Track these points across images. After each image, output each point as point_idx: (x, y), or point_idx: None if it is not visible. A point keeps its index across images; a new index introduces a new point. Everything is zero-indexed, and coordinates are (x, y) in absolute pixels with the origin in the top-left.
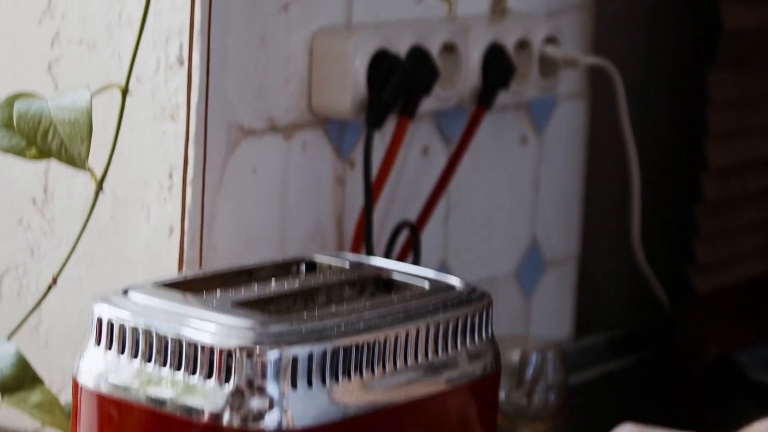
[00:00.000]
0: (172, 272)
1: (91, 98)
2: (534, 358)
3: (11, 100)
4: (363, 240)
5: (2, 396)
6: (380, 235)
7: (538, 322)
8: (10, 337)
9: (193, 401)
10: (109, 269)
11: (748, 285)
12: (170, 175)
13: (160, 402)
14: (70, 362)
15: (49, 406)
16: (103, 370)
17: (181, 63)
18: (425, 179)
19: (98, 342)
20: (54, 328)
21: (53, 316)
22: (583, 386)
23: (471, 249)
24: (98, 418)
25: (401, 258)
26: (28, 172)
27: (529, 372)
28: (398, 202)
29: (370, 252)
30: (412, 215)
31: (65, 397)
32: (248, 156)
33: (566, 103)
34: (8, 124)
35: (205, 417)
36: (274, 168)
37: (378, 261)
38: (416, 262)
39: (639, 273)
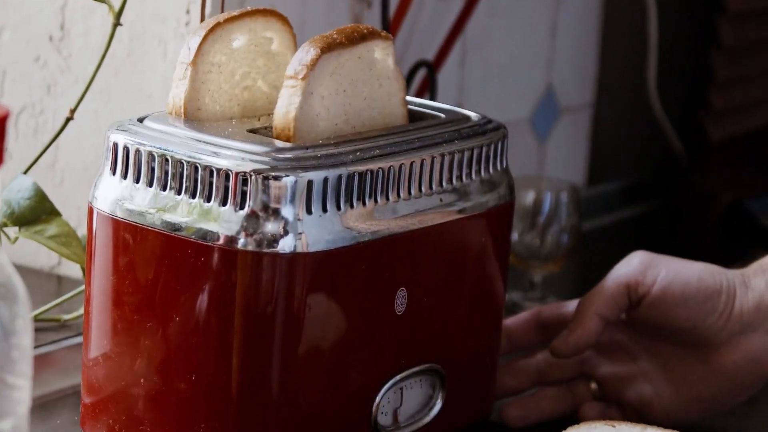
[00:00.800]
0: None
1: None
2: (548, 199)
3: None
4: None
5: (19, 229)
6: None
7: (551, 167)
8: (26, 171)
9: (209, 226)
10: (125, 106)
11: (763, 133)
12: (187, 11)
13: (176, 227)
14: (86, 199)
15: (66, 238)
16: (118, 196)
17: None
18: (442, 23)
19: (114, 169)
20: (70, 165)
21: (69, 153)
22: (595, 232)
23: (486, 93)
24: (114, 244)
25: (418, 97)
26: (45, 8)
27: (543, 213)
28: (415, 44)
29: None
30: (428, 57)
31: (81, 233)
32: None
33: None
34: None
35: (221, 241)
36: (291, 5)
37: None
38: (432, 99)
39: (654, 120)
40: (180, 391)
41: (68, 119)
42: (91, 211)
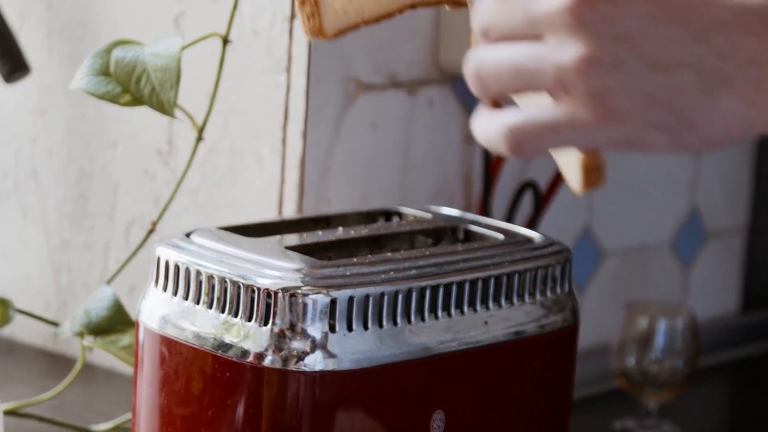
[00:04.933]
0: None
1: (182, 46)
2: (663, 325)
3: (110, 48)
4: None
5: (94, 338)
6: (508, 197)
7: (698, 294)
8: (109, 281)
9: (239, 342)
10: (224, 219)
11: None
12: (284, 127)
13: (208, 342)
14: None
15: None
16: (160, 309)
17: (294, 16)
18: None
19: (156, 282)
20: None
21: None
22: (744, 361)
23: (619, 213)
24: (154, 357)
25: (531, 220)
26: (154, 123)
27: (658, 339)
28: (536, 162)
29: (486, 211)
30: (551, 176)
31: None
32: (367, 110)
33: None
34: (105, 71)
35: (250, 358)
36: (395, 123)
37: (468, 215)
38: (534, 221)
39: None
40: None
41: (150, 231)
42: (137, 324)
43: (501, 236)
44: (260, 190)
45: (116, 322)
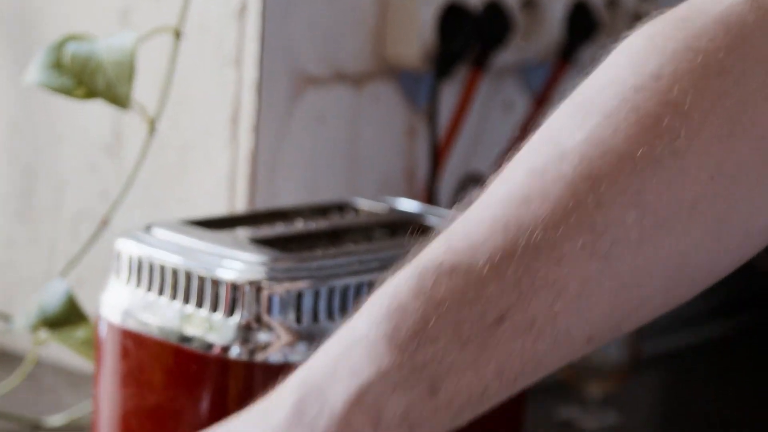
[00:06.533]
0: None
1: (136, 41)
2: None
3: (63, 42)
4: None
5: (50, 332)
6: (453, 188)
7: None
8: (63, 274)
9: (203, 334)
10: (174, 214)
11: None
12: (234, 122)
13: (172, 335)
14: None
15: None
16: (120, 303)
17: (243, 10)
18: (508, 135)
19: (118, 276)
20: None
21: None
22: (672, 351)
23: None
24: (117, 351)
25: None
26: (101, 119)
27: None
28: (479, 157)
29: (432, 202)
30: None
31: None
32: (314, 104)
33: None
34: (59, 65)
35: (214, 350)
36: (342, 117)
37: (421, 207)
38: None
39: None
40: None
41: (101, 226)
42: (98, 318)
43: None
44: (211, 184)
45: (70, 315)
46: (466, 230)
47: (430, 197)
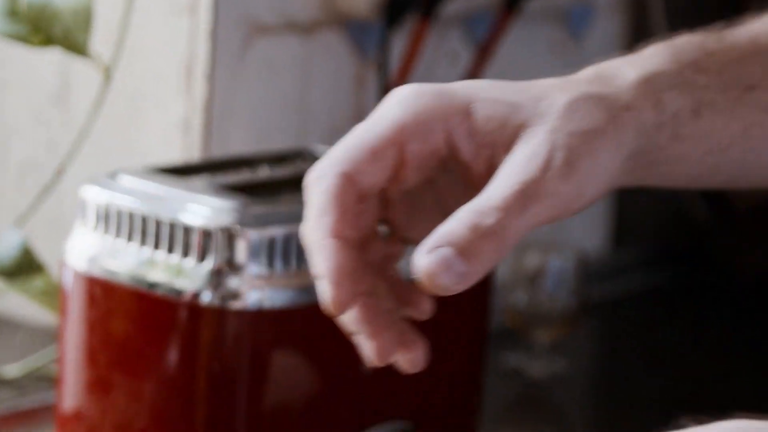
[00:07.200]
0: None
1: None
2: (555, 264)
3: None
4: None
5: (6, 282)
6: None
7: (570, 231)
8: (18, 223)
9: (175, 282)
10: (127, 164)
11: None
12: (185, 70)
13: (143, 282)
14: None
15: (53, 292)
16: (89, 251)
17: None
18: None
19: (83, 223)
20: (64, 218)
21: (68, 207)
22: (612, 299)
23: None
24: (84, 299)
25: None
26: (48, 67)
27: (550, 277)
28: None
29: None
30: None
31: None
32: (266, 53)
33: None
34: (15, 12)
35: (184, 296)
36: (292, 66)
37: None
38: None
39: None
40: None
41: (56, 175)
42: (63, 266)
43: None
44: (164, 133)
45: (27, 265)
46: None
47: None
